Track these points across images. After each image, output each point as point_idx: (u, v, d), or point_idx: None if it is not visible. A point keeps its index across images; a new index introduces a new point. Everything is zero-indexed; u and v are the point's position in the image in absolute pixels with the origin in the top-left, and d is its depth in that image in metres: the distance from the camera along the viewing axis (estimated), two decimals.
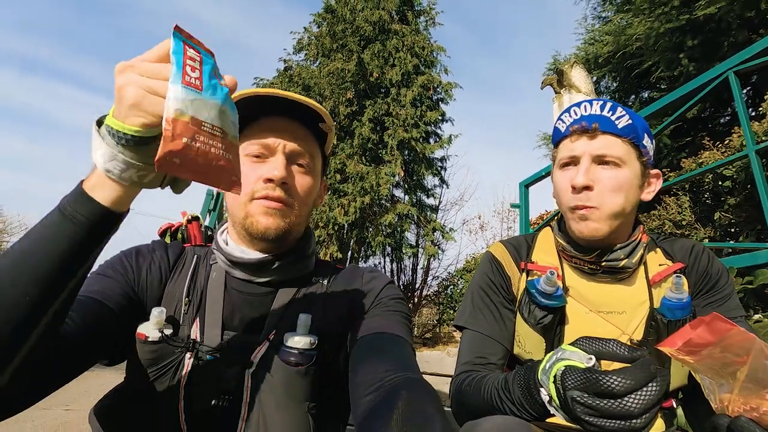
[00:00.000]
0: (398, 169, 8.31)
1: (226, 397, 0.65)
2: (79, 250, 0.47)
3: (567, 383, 0.52)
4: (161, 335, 0.65)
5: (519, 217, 2.62)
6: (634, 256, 0.85)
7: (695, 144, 4.72)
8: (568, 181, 0.86)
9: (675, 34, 4.65)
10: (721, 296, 0.85)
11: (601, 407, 0.48)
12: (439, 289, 9.96)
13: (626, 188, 0.83)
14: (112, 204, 0.47)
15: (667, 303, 0.80)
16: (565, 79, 5.80)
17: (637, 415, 0.47)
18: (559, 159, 0.91)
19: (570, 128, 0.87)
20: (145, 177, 0.47)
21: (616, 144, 0.83)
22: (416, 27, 9.73)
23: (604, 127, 0.83)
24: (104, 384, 0.65)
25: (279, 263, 0.74)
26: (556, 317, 0.84)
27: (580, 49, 6.58)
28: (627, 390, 0.47)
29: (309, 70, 8.86)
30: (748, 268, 1.28)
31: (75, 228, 0.46)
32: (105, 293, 0.65)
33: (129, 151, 0.44)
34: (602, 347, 0.55)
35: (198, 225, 1.04)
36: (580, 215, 0.84)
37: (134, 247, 0.78)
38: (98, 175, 0.46)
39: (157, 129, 0.43)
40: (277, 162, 0.72)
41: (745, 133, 1.45)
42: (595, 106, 0.85)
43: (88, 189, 0.47)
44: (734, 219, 3.62)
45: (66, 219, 0.46)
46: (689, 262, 0.88)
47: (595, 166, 0.84)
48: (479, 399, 0.72)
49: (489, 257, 0.98)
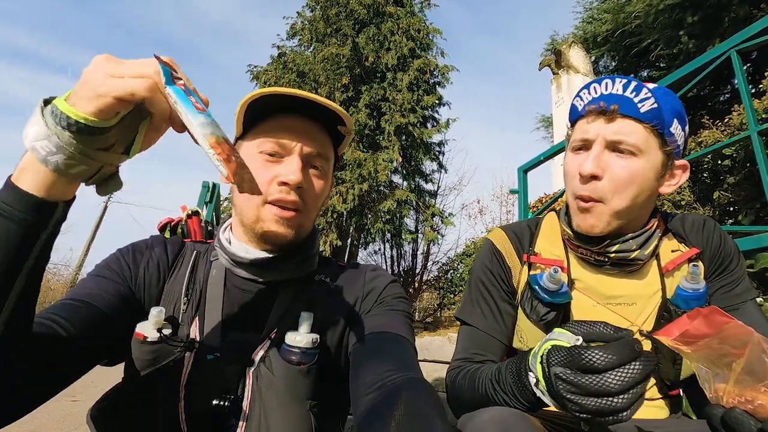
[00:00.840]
0: (396, 155, 8.26)
1: (227, 397, 0.65)
2: (20, 247, 0.44)
3: (552, 360, 0.52)
4: (160, 335, 0.64)
5: (518, 202, 2.61)
6: (648, 247, 0.78)
7: (694, 122, 4.68)
8: (577, 166, 0.79)
9: (675, 10, 4.56)
10: (732, 279, 0.81)
11: (582, 383, 0.47)
12: (440, 274, 10.01)
13: (639, 181, 0.75)
14: (40, 191, 0.44)
15: (682, 293, 0.75)
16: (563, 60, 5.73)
17: (616, 393, 0.46)
18: (572, 140, 0.83)
19: (587, 108, 0.79)
20: (72, 167, 0.44)
21: (636, 130, 0.74)
22: (411, 9, 9.53)
23: (624, 109, 0.74)
24: (110, 375, 0.65)
25: (283, 263, 0.73)
26: (560, 313, 0.80)
27: (578, 29, 6.48)
28: (609, 365, 0.46)
29: (303, 56, 8.71)
30: (751, 251, 1.27)
31: (11, 224, 0.44)
32: (100, 295, 0.64)
33: (65, 136, 0.42)
34: (590, 328, 0.54)
35: (198, 220, 1.03)
36: (581, 207, 0.78)
37: (131, 245, 0.76)
38: (25, 161, 0.44)
39: (103, 122, 0.43)
40: (294, 165, 0.69)
41: (747, 113, 1.43)
42: (618, 85, 0.75)
43: (14, 178, 0.44)
44: (733, 198, 3.62)
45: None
46: (702, 242, 0.83)
47: (608, 152, 0.76)
48: (473, 391, 0.71)
49: (489, 246, 0.92)
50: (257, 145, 0.71)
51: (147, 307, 0.69)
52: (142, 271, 0.72)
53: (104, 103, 0.42)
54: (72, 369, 0.58)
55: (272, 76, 8.62)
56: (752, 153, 2.91)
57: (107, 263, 0.72)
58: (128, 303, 0.68)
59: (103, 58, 0.44)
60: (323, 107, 0.70)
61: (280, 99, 0.69)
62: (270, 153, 0.70)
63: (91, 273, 0.70)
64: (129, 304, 0.68)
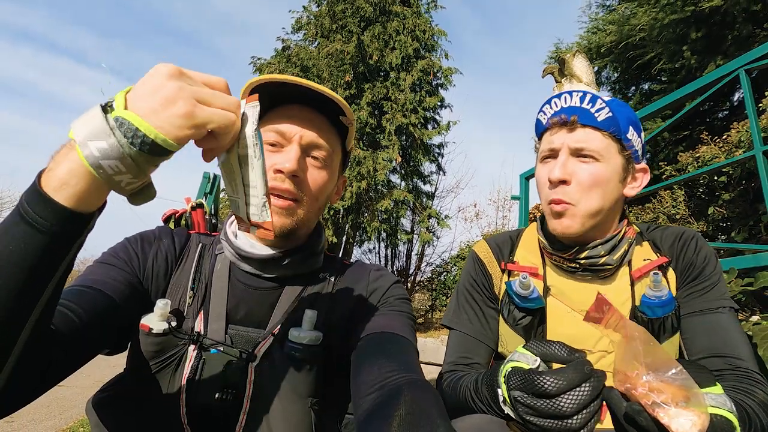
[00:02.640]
0: (396, 155, 8.24)
1: (229, 391, 0.65)
2: (51, 257, 0.42)
3: (510, 383, 0.55)
4: (165, 327, 0.64)
5: (518, 208, 2.62)
6: (616, 252, 0.83)
7: (693, 138, 4.73)
8: (546, 174, 0.85)
9: (679, 25, 4.60)
10: (703, 286, 0.81)
11: (538, 407, 0.50)
12: (433, 276, 10.03)
13: (604, 183, 0.81)
14: (80, 205, 0.41)
15: (647, 301, 0.79)
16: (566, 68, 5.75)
17: (570, 415, 0.49)
18: (540, 152, 0.89)
19: (550, 120, 0.86)
20: (130, 185, 0.42)
21: (596, 137, 0.81)
22: (418, 9, 9.51)
23: (583, 119, 0.81)
24: (96, 360, 0.65)
25: (288, 259, 0.73)
26: (535, 318, 0.84)
27: (582, 38, 6.51)
28: (559, 390, 0.49)
29: (307, 51, 8.66)
30: (750, 269, 1.29)
31: (42, 237, 0.40)
32: (109, 283, 0.64)
33: (139, 156, 0.39)
34: (547, 349, 0.57)
35: (202, 212, 1.02)
36: (555, 212, 0.83)
37: (139, 234, 0.76)
38: (68, 172, 0.39)
39: (181, 145, 0.41)
40: (291, 153, 0.68)
41: (753, 133, 1.44)
42: (575, 98, 0.83)
43: (50, 190, 0.40)
44: (727, 214, 3.66)
45: (30, 226, 0.40)
46: (675, 252, 0.85)
47: (573, 159, 0.82)
48: (456, 399, 0.74)
49: (473, 256, 0.98)
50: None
51: (153, 298, 0.69)
52: (151, 262, 0.72)
53: (196, 133, 0.40)
54: (80, 355, 0.58)
55: (275, 70, 8.55)
56: (749, 171, 2.94)
57: (115, 251, 0.71)
58: (136, 292, 0.67)
59: (176, 72, 0.41)
60: (326, 98, 0.69)
61: (283, 89, 0.68)
62: (271, 143, 0.70)
63: (99, 260, 0.70)
64: (136, 293, 0.67)
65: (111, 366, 4.09)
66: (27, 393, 0.51)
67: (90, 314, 0.58)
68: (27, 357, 0.45)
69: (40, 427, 2.96)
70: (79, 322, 0.56)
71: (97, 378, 4.19)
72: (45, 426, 3.00)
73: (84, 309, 0.57)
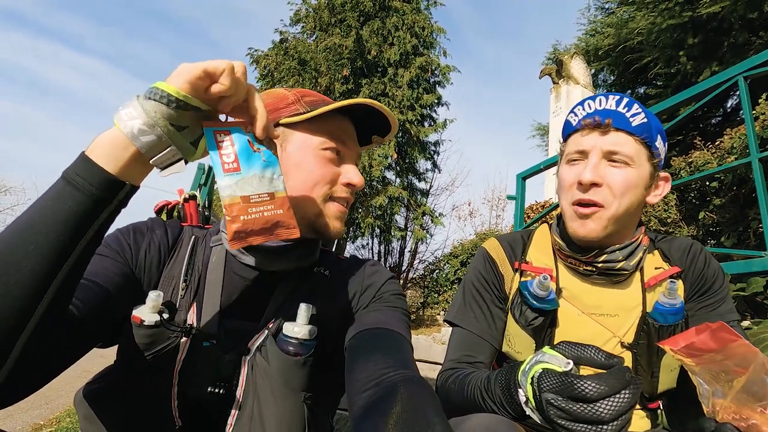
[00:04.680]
0: (392, 152, 8.23)
1: (221, 384, 0.64)
2: (83, 219, 0.47)
3: (543, 385, 0.53)
4: (157, 319, 0.63)
5: (514, 208, 2.64)
6: (633, 258, 0.83)
7: (686, 143, 4.78)
8: (575, 176, 0.83)
9: (677, 30, 4.64)
10: (714, 300, 0.84)
11: (574, 411, 0.50)
12: (425, 273, 10.06)
13: (633, 189, 0.80)
14: (114, 168, 0.48)
15: (660, 308, 0.80)
16: (564, 70, 5.78)
17: (608, 421, 0.49)
18: (567, 153, 0.87)
19: (582, 122, 0.84)
20: (154, 147, 0.49)
21: (629, 142, 0.80)
22: (417, 6, 9.46)
23: (618, 123, 0.80)
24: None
25: (290, 253, 0.73)
26: (547, 319, 0.83)
27: (581, 40, 6.54)
28: (600, 395, 0.49)
29: (305, 44, 8.58)
30: (742, 275, 1.31)
31: (79, 195, 0.47)
32: (103, 273, 0.63)
33: (158, 110, 0.48)
34: (581, 352, 0.56)
35: (195, 204, 1.01)
36: (581, 213, 0.81)
37: (131, 225, 0.75)
38: (105, 138, 0.48)
39: (191, 99, 0.49)
40: (355, 169, 0.75)
41: (749, 139, 1.46)
42: (611, 101, 0.82)
43: (89, 152, 0.48)
44: (718, 219, 3.72)
45: (69, 185, 0.47)
46: (685, 264, 0.87)
47: (604, 162, 0.81)
48: (463, 396, 0.73)
49: (483, 253, 0.96)
50: (320, 143, 0.73)
51: (146, 290, 0.68)
52: (143, 253, 0.71)
53: (194, 75, 0.48)
54: (78, 347, 0.58)
55: (272, 62, 8.48)
56: (740, 177, 2.98)
57: (107, 242, 0.70)
58: (129, 282, 0.67)
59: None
60: (371, 113, 0.74)
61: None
62: (334, 152, 0.73)
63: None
64: (130, 283, 0.67)
65: (99, 356, 4.05)
66: (23, 382, 0.50)
67: (85, 304, 0.57)
68: (43, 331, 0.47)
69: (26, 417, 2.93)
70: (75, 312, 0.55)
71: (84, 367, 4.15)
72: (31, 415, 2.97)
73: (79, 299, 0.56)
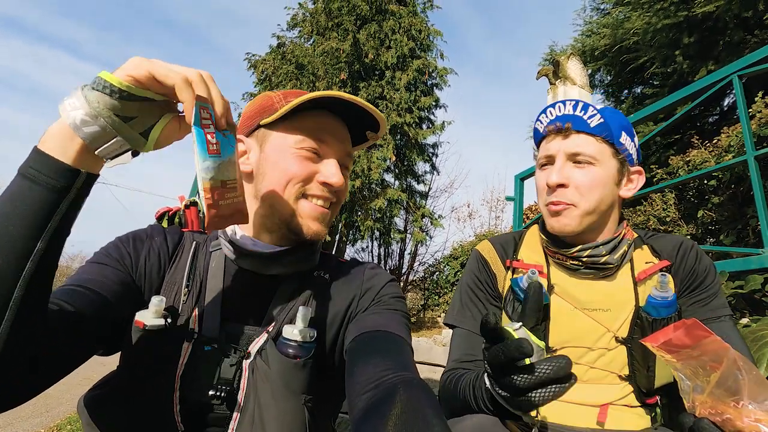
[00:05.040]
0: (390, 154, 8.24)
1: (222, 388, 0.65)
2: (43, 212, 0.47)
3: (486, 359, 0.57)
4: (160, 324, 0.64)
5: (513, 209, 2.64)
6: (617, 252, 0.86)
7: (683, 141, 4.80)
8: (544, 180, 0.89)
9: (672, 30, 4.66)
10: (706, 295, 0.86)
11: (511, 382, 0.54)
12: (425, 275, 10.06)
13: (601, 186, 0.85)
14: (65, 157, 0.48)
15: (652, 301, 0.81)
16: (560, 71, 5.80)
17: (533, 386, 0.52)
18: (539, 159, 0.93)
19: (546, 128, 0.91)
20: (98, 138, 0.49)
21: (589, 142, 0.86)
22: (414, 9, 9.51)
23: (577, 126, 0.86)
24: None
25: (289, 257, 0.73)
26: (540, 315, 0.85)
27: (577, 41, 6.56)
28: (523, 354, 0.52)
29: (303, 48, 8.61)
30: (740, 272, 1.31)
31: (35, 187, 0.47)
32: (103, 282, 0.64)
33: (99, 100, 0.47)
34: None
35: (196, 210, 1.02)
36: (553, 211, 0.87)
37: (131, 233, 0.76)
38: (53, 130, 0.48)
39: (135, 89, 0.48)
40: (334, 167, 0.73)
41: (745, 137, 1.47)
42: (568, 107, 0.87)
43: (46, 149, 0.48)
44: (716, 217, 3.72)
45: (25, 179, 0.47)
46: (676, 259, 0.89)
47: (569, 164, 0.87)
48: (457, 398, 0.74)
49: (476, 255, 1.00)
50: (297, 141, 0.72)
51: (147, 296, 0.68)
52: (143, 260, 0.71)
53: (139, 73, 0.48)
54: (75, 353, 0.58)
55: (270, 66, 8.50)
56: (738, 175, 2.99)
57: (107, 251, 0.71)
58: (129, 290, 0.67)
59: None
60: (361, 110, 0.71)
61: (322, 99, 0.70)
62: (311, 150, 0.72)
63: (91, 260, 0.69)
64: (130, 291, 0.67)
65: (100, 364, 4.04)
66: (19, 385, 0.50)
67: (83, 312, 0.57)
68: (18, 332, 0.46)
69: (26, 425, 2.92)
70: (72, 319, 0.55)
71: (85, 375, 4.14)
72: (32, 423, 2.96)
73: (76, 306, 0.56)
